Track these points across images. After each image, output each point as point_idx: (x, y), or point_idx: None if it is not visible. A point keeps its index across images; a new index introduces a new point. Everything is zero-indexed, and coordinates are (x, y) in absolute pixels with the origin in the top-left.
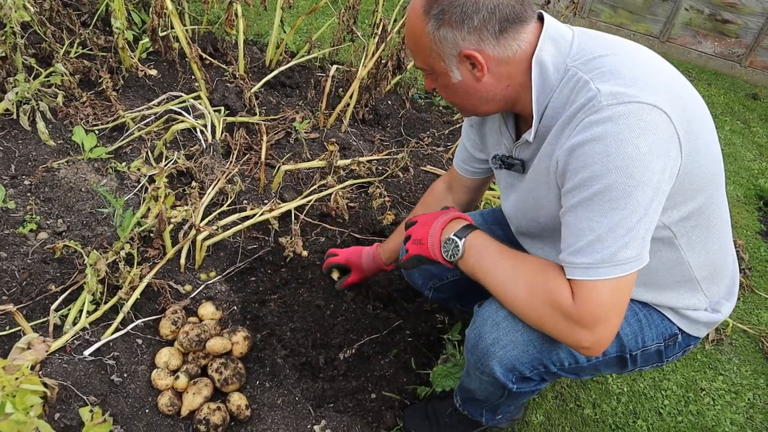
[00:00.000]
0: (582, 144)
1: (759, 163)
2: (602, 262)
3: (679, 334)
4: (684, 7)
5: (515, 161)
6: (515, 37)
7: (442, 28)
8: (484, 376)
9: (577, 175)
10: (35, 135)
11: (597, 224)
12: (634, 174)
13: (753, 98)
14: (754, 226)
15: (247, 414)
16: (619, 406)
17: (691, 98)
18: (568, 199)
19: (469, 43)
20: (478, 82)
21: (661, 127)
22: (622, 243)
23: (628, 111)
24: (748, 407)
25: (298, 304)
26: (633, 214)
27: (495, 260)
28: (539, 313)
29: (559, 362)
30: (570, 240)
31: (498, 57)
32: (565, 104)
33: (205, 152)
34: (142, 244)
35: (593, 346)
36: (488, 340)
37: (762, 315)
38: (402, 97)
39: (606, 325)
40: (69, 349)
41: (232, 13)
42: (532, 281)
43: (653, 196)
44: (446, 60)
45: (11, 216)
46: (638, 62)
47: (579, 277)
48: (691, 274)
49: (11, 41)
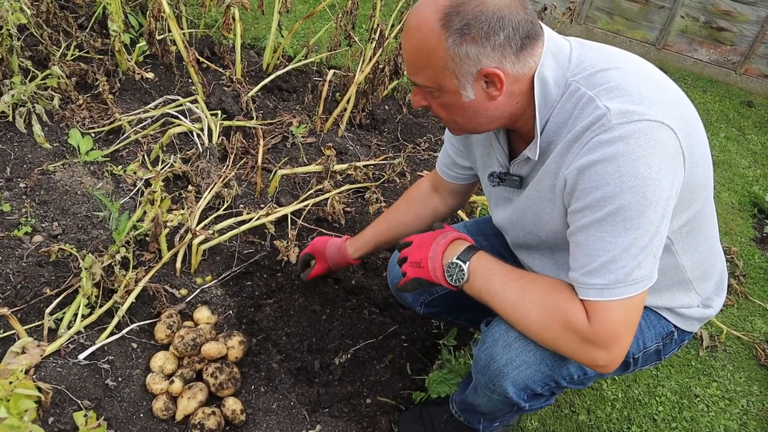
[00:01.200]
0: (593, 164)
1: (753, 170)
2: (617, 283)
3: (675, 332)
4: (680, 14)
5: (514, 178)
6: (532, 54)
7: (465, 44)
8: (495, 395)
9: (589, 195)
10: (31, 137)
11: (611, 245)
12: (647, 193)
13: (748, 106)
14: (748, 233)
15: (242, 419)
16: (613, 412)
17: (688, 110)
18: (579, 218)
19: (491, 60)
20: (490, 100)
21: (669, 144)
22: (636, 263)
23: (638, 130)
24: (742, 414)
25: (294, 308)
26: (646, 233)
27: (502, 282)
28: (553, 334)
29: (569, 376)
30: (583, 260)
31: (515, 75)
32: (568, 120)
33: (201, 156)
34: (137, 247)
35: (609, 365)
36: (501, 361)
37: (756, 322)
38: (399, 102)
39: (620, 344)
40: (63, 353)
41: (229, 16)
42: (544, 302)
43: (663, 213)
44: (461, 77)
45: (6, 219)
46: (641, 77)
47: (594, 298)
48: (685, 275)
49: (8, 43)
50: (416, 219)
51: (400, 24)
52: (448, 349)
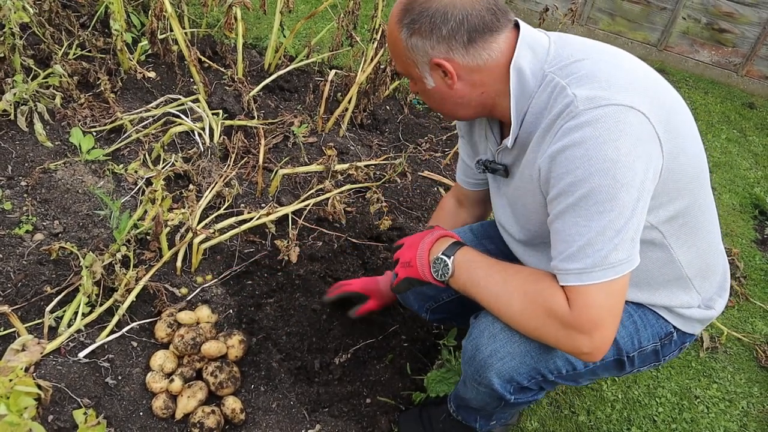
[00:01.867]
0: (562, 150)
1: (755, 171)
2: (594, 266)
3: (674, 333)
4: (681, 16)
5: (498, 166)
6: (485, 47)
7: (413, 36)
8: (482, 387)
9: (561, 182)
10: (32, 136)
11: (585, 228)
12: (617, 176)
13: (749, 107)
14: (749, 235)
15: (241, 418)
16: (613, 413)
17: (669, 98)
18: (555, 206)
19: (438, 52)
20: (450, 89)
21: (639, 128)
22: (612, 246)
23: (605, 114)
24: (742, 415)
25: (294, 308)
26: (620, 216)
27: (485, 274)
28: (536, 323)
29: (556, 370)
30: (560, 247)
31: (468, 65)
32: (544, 110)
33: (202, 155)
34: (138, 246)
35: (593, 352)
36: (486, 352)
37: (756, 323)
38: (400, 102)
39: (604, 330)
40: (64, 351)
41: (231, 16)
42: (525, 291)
43: (638, 196)
44: (420, 67)
45: (7, 217)
46: (613, 65)
47: (573, 282)
48: (683, 272)
49: (10, 42)
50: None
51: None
52: (448, 349)
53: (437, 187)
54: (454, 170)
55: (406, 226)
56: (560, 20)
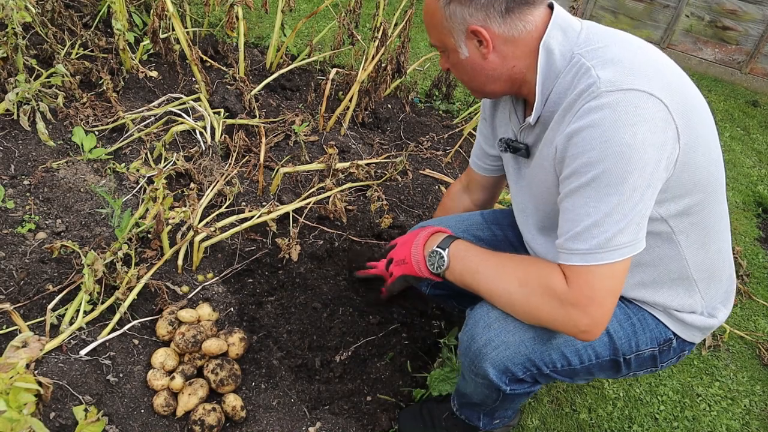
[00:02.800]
0: (580, 130)
1: (758, 169)
2: (599, 248)
3: (673, 339)
4: (685, 13)
5: (520, 145)
6: (521, 18)
7: (452, 3)
8: (479, 378)
9: (575, 161)
10: (35, 135)
11: (594, 209)
12: (631, 160)
13: (753, 105)
14: (752, 233)
15: (242, 415)
16: (614, 411)
17: (692, 94)
18: (566, 185)
19: (476, 19)
20: (484, 59)
21: (657, 116)
22: (617, 228)
23: (626, 98)
24: (745, 413)
25: (295, 306)
26: (629, 199)
27: (481, 261)
28: (533, 301)
29: (551, 363)
30: (567, 226)
31: (503, 35)
32: (567, 90)
33: (204, 154)
34: (140, 244)
35: (590, 329)
36: (480, 341)
37: (759, 321)
38: (401, 100)
39: (601, 308)
40: (65, 349)
41: (233, 15)
42: (523, 272)
43: (649, 182)
44: (456, 36)
45: (10, 216)
46: (641, 54)
47: (576, 262)
48: (689, 273)
49: (12, 42)
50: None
51: (403, 23)
52: (449, 347)
53: (438, 186)
54: (455, 169)
55: (407, 224)
56: None
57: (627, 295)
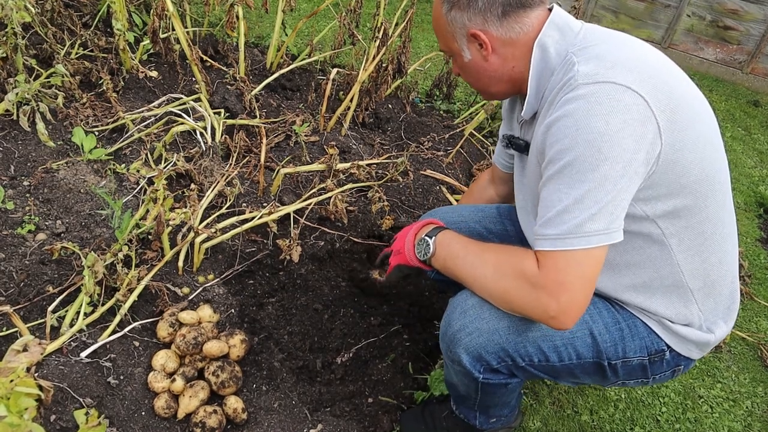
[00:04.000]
0: (556, 120)
1: (759, 170)
2: (568, 233)
3: (666, 351)
4: (686, 13)
5: (520, 141)
6: (518, 21)
7: (452, 10)
8: (455, 365)
9: (551, 150)
10: (35, 136)
11: (565, 195)
12: (603, 148)
13: (754, 105)
14: (754, 234)
15: (243, 417)
16: (616, 412)
17: (683, 94)
18: (544, 174)
19: (475, 23)
20: (485, 61)
21: (634, 109)
22: (588, 215)
23: (600, 89)
24: (747, 415)
25: (296, 307)
26: (600, 187)
27: (462, 247)
28: (505, 284)
29: (527, 356)
30: (541, 212)
31: (501, 38)
32: (557, 85)
33: (204, 154)
34: (140, 246)
35: (559, 316)
36: (455, 326)
37: (761, 323)
38: (402, 100)
39: (571, 295)
40: (66, 351)
41: (233, 15)
42: (499, 258)
43: (623, 173)
44: (458, 40)
45: (10, 217)
46: (628, 52)
47: (546, 247)
48: (683, 280)
49: (12, 42)
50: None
51: (404, 23)
52: None
53: (439, 186)
54: (456, 169)
55: (408, 225)
56: None
57: (620, 298)
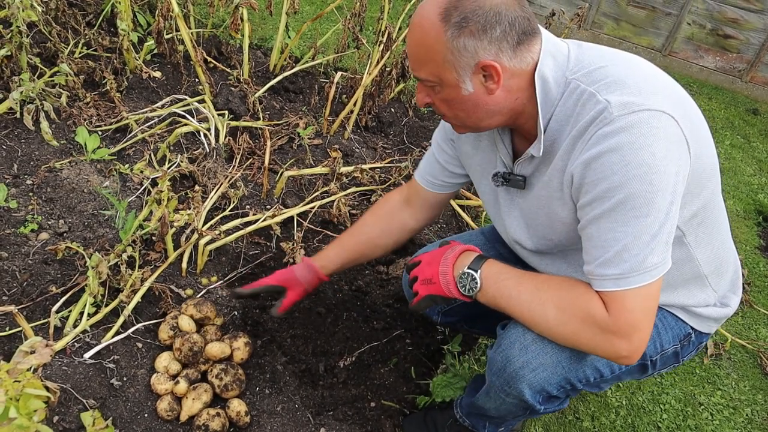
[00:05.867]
0: (599, 156)
1: (759, 178)
2: (631, 271)
3: (692, 333)
4: (686, 21)
5: (518, 177)
6: (529, 50)
7: (462, 36)
8: (509, 398)
9: (597, 187)
10: (38, 135)
11: (622, 234)
12: (654, 181)
13: (753, 113)
14: (753, 242)
15: (246, 420)
16: (617, 419)
17: (686, 101)
18: (588, 212)
19: (488, 53)
20: (489, 94)
21: (671, 132)
22: (648, 250)
23: (640, 120)
24: (746, 422)
25: (299, 310)
26: (656, 220)
27: (516, 285)
28: (573, 328)
29: (585, 378)
30: (596, 252)
31: (512, 69)
32: (570, 117)
33: (208, 156)
34: (143, 247)
35: (631, 355)
36: (517, 363)
37: (761, 330)
38: (405, 104)
39: (641, 333)
40: (69, 352)
41: (237, 17)
42: (560, 298)
43: (672, 199)
44: (460, 70)
45: (13, 216)
46: (637, 71)
47: (610, 288)
48: (700, 270)
49: (17, 40)
50: (383, 234)
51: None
52: (453, 354)
53: None
54: None
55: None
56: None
57: None
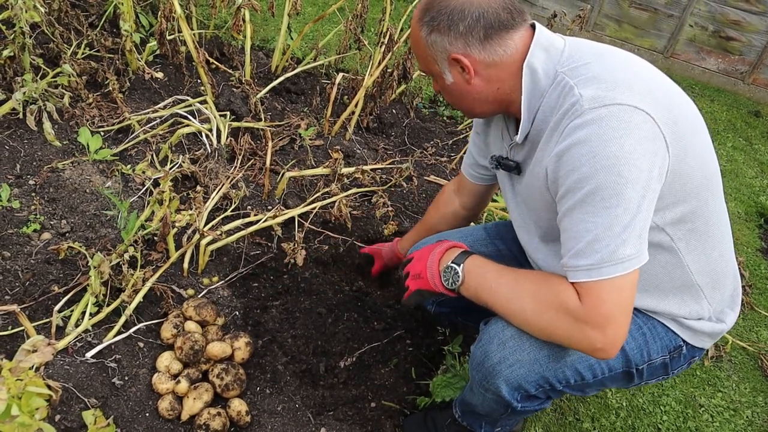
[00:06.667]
0: (568, 148)
1: (760, 180)
2: (603, 262)
3: (683, 346)
4: (688, 23)
5: (510, 162)
6: (500, 43)
7: (432, 33)
8: (489, 394)
9: (568, 179)
10: (41, 135)
11: (592, 225)
12: (622, 172)
13: (755, 115)
14: (754, 244)
15: (247, 420)
16: (617, 420)
17: (678, 104)
18: (563, 204)
19: (456, 47)
20: (468, 84)
21: (643, 127)
22: (619, 241)
23: (609, 113)
24: (747, 424)
25: (300, 311)
26: (626, 211)
27: (496, 278)
28: (548, 319)
29: (564, 380)
30: (569, 243)
31: (484, 60)
32: (554, 108)
33: (210, 157)
34: (145, 247)
35: (606, 347)
36: (494, 359)
37: (762, 332)
38: (407, 106)
39: (616, 325)
40: (71, 351)
41: (239, 18)
42: (536, 290)
43: (644, 193)
44: (439, 63)
45: (15, 215)
46: (620, 67)
47: (582, 279)
48: (692, 279)
49: (20, 41)
50: (441, 220)
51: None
52: (453, 354)
53: None
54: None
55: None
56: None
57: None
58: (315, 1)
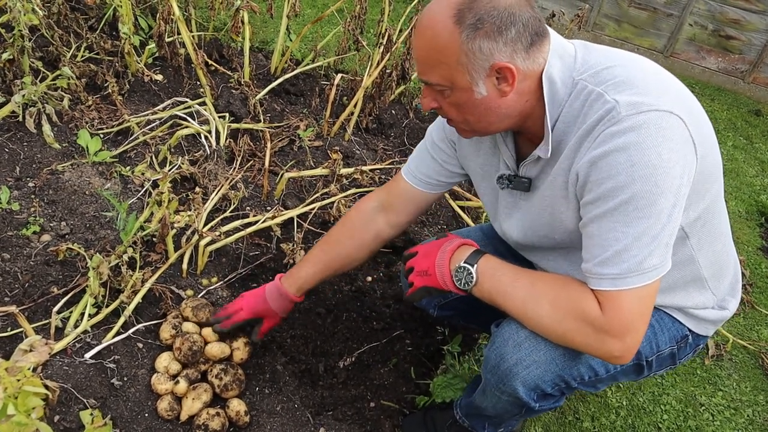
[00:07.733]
0: (605, 155)
1: (761, 179)
2: (629, 272)
3: (689, 335)
4: (688, 22)
5: (524, 180)
6: (540, 52)
7: (478, 38)
8: (504, 396)
9: (601, 186)
10: (40, 137)
11: (622, 234)
12: (658, 182)
13: (756, 114)
14: (755, 242)
15: (246, 420)
16: (617, 419)
17: (693, 102)
18: (591, 209)
19: (503, 55)
20: (501, 97)
21: (678, 133)
22: (647, 252)
23: (648, 120)
24: (747, 423)
25: (299, 311)
26: (657, 222)
27: (511, 281)
28: (566, 326)
29: (579, 377)
30: (595, 251)
31: (525, 71)
32: (577, 117)
33: (209, 158)
34: (144, 248)
35: (624, 355)
36: (510, 360)
37: (762, 331)
38: (406, 106)
39: (635, 334)
40: (70, 352)
41: (238, 20)
42: (555, 296)
43: (675, 201)
44: (474, 73)
45: (15, 218)
46: (645, 71)
47: (606, 287)
48: (701, 273)
49: (19, 44)
50: (358, 247)
51: (408, 29)
52: (453, 354)
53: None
54: None
55: (410, 230)
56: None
57: None
58: (314, 3)
